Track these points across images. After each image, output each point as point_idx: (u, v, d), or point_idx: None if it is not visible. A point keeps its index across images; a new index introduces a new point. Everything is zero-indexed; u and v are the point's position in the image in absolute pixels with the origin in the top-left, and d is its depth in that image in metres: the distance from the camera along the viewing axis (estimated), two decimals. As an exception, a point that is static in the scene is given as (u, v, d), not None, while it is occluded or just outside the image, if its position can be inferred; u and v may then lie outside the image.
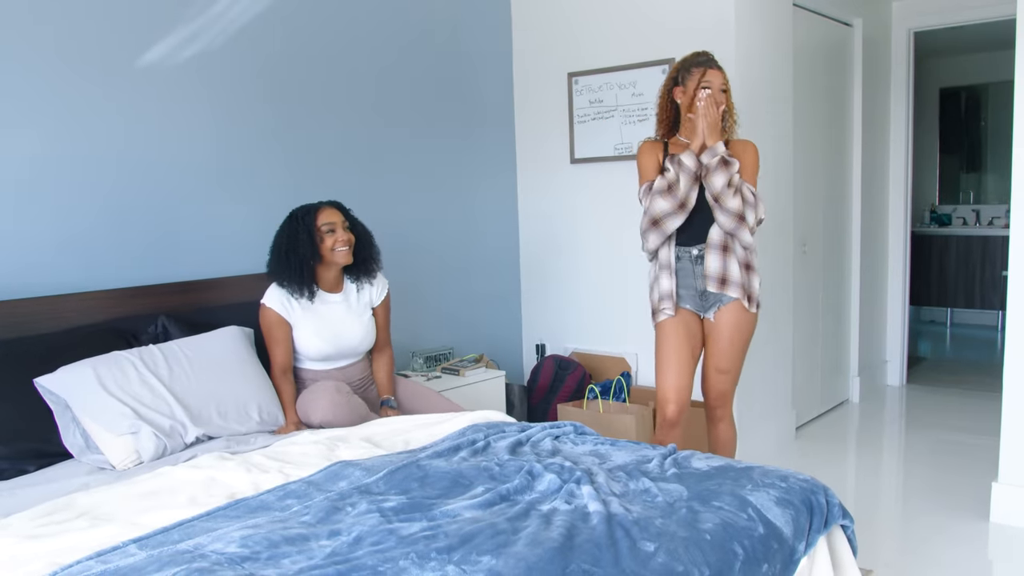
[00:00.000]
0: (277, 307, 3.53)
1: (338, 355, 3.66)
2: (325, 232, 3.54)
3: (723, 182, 3.48)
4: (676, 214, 3.55)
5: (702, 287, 3.64)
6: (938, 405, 6.06)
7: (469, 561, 1.93)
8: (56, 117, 3.50)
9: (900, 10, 6.40)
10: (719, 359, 3.70)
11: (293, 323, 3.56)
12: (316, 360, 3.64)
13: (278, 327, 3.54)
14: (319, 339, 3.57)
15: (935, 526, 3.95)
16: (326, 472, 2.61)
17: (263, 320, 3.56)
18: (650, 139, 3.76)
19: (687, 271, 3.65)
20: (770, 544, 2.22)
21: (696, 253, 3.63)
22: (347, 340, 3.65)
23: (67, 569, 1.98)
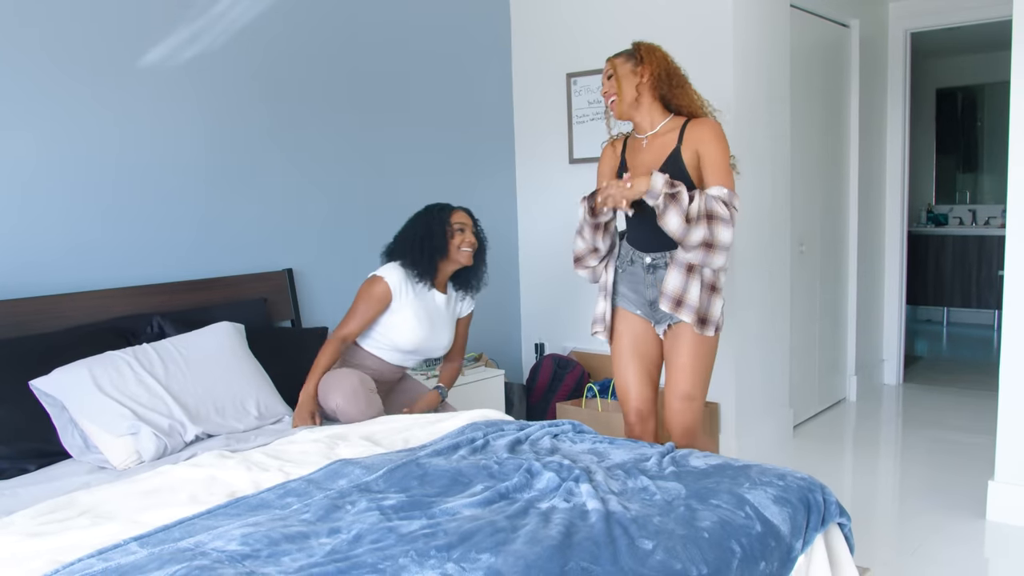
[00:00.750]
0: (393, 283, 3.61)
1: (421, 351, 3.73)
2: (456, 230, 3.65)
3: (678, 222, 3.07)
4: (591, 255, 3.44)
5: (652, 297, 3.35)
6: (934, 404, 6.06)
7: (468, 559, 1.93)
8: (55, 118, 3.50)
9: (897, 11, 6.40)
10: (677, 383, 3.36)
11: (399, 306, 3.62)
12: (397, 350, 3.70)
13: (378, 302, 3.60)
14: (418, 328, 3.64)
15: (932, 524, 3.95)
16: (326, 470, 2.61)
17: (369, 291, 3.60)
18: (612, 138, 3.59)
19: (637, 277, 3.39)
20: (768, 542, 2.23)
21: (649, 262, 3.34)
22: (436, 339, 3.74)
23: (68, 567, 1.98)
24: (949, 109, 9.46)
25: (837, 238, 6.01)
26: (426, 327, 3.66)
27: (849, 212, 6.11)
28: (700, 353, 3.33)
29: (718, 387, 4.82)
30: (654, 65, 3.32)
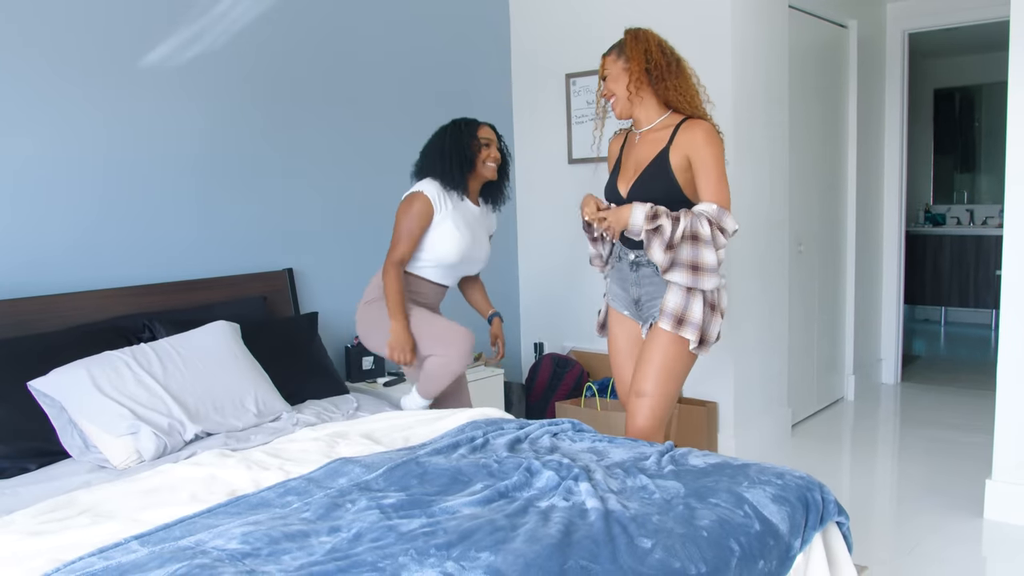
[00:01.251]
0: (432, 195, 3.60)
1: (466, 261, 3.74)
2: (483, 144, 3.68)
3: (661, 255, 3.04)
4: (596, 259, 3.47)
5: (636, 295, 3.31)
6: (932, 403, 6.06)
7: (468, 557, 1.93)
8: (54, 118, 3.50)
9: (895, 12, 6.40)
10: (636, 380, 3.26)
11: (441, 218, 3.61)
12: (444, 265, 3.70)
13: (421, 216, 3.59)
14: (461, 237, 3.64)
15: (929, 523, 3.95)
16: (326, 469, 2.61)
17: (409, 208, 3.60)
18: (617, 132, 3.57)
19: (624, 274, 3.34)
20: (766, 541, 2.23)
21: (632, 259, 3.29)
22: (478, 249, 3.77)
23: (69, 565, 1.98)
24: (947, 109, 9.46)
25: (835, 238, 6.01)
26: (468, 236, 3.67)
27: (847, 212, 6.11)
28: (670, 354, 3.19)
29: (717, 386, 4.83)
30: (637, 59, 3.23)
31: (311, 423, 3.38)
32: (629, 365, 3.42)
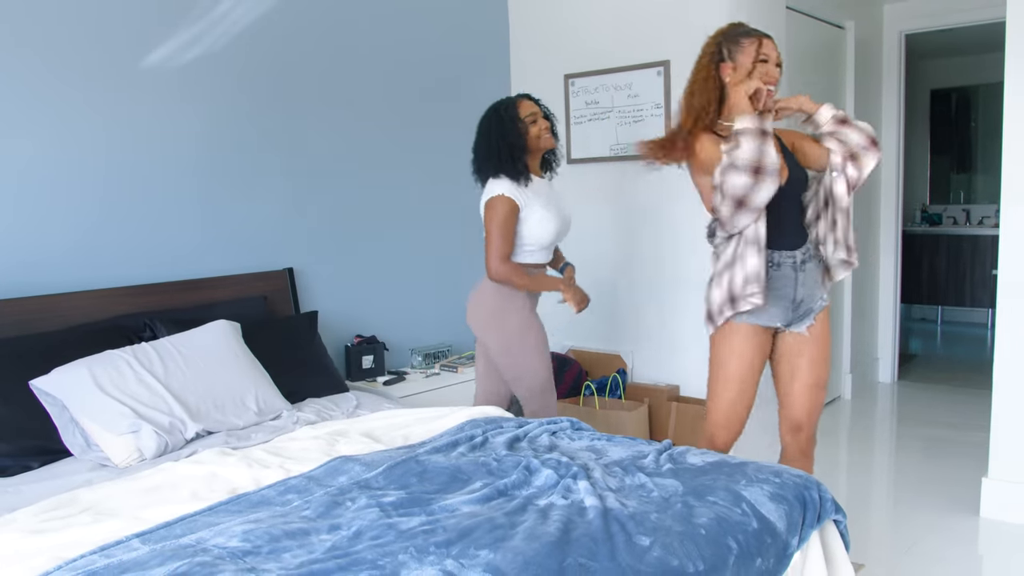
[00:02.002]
0: (510, 192, 3.54)
1: (560, 234, 3.71)
2: (529, 122, 3.60)
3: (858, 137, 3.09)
4: (760, 183, 2.81)
5: (800, 296, 3.07)
6: (929, 402, 6.07)
7: (467, 555, 1.93)
8: (56, 119, 3.50)
9: (892, 13, 6.40)
10: (815, 371, 3.16)
11: (526, 212, 3.57)
12: (543, 247, 3.68)
13: (509, 215, 3.54)
14: (550, 215, 3.61)
15: (926, 521, 3.95)
16: (326, 467, 2.61)
17: (496, 211, 3.55)
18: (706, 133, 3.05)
19: (787, 279, 3.05)
20: (764, 539, 2.23)
21: (800, 258, 3.06)
22: (565, 218, 3.73)
23: (71, 563, 1.98)
24: (943, 110, 9.46)
25: (832, 238, 6.00)
26: (554, 211, 3.65)
27: (844, 212, 6.11)
28: (828, 336, 3.22)
29: (714, 385, 4.82)
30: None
31: (311, 421, 3.38)
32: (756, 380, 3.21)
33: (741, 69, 3.01)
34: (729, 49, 3.06)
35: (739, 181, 2.81)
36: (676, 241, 4.90)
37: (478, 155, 3.69)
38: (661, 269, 4.99)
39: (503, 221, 3.54)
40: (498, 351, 3.68)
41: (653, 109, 4.87)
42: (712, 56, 3.09)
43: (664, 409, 4.82)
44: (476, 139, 3.71)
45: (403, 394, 4.28)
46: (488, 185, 3.64)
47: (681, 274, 4.90)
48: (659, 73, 4.81)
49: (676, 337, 4.98)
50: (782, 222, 3.03)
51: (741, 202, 2.84)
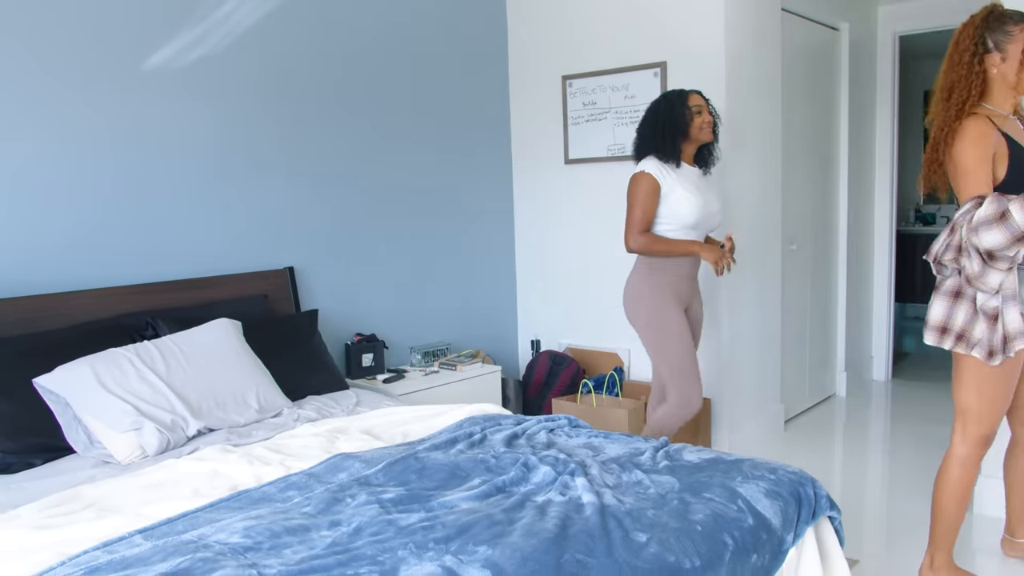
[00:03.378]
0: (653, 170, 3.75)
1: (704, 219, 3.83)
2: (695, 113, 3.78)
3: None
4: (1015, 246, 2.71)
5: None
6: (922, 399, 6.07)
7: (466, 551, 1.93)
8: (59, 120, 3.49)
9: (886, 14, 6.40)
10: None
11: (667, 188, 3.74)
12: (686, 227, 3.79)
13: (649, 190, 3.73)
14: (693, 197, 3.75)
15: (919, 517, 3.95)
16: (326, 464, 2.62)
17: (638, 187, 3.75)
18: (976, 115, 2.89)
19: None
20: (759, 535, 2.23)
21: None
22: (710, 205, 3.85)
23: (74, 559, 1.98)
24: (936, 111, 9.44)
25: (827, 237, 6.01)
26: (698, 196, 3.78)
27: (839, 211, 6.12)
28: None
29: (711, 383, 4.83)
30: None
31: (312, 419, 3.38)
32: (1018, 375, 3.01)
33: (1012, 60, 2.85)
34: (996, 40, 2.88)
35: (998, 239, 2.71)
36: (672, 240, 4.90)
37: (641, 135, 3.86)
38: (658, 268, 4.99)
39: (642, 196, 3.74)
40: (641, 327, 3.85)
41: (650, 110, 4.86)
42: (974, 49, 2.92)
43: (661, 406, 4.82)
44: (641, 121, 3.88)
45: (402, 392, 4.28)
46: (639, 163, 3.85)
47: (677, 273, 4.91)
48: (655, 74, 4.81)
49: (672, 335, 4.98)
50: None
51: (992, 256, 2.75)
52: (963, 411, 3.04)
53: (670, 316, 3.78)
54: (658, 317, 3.79)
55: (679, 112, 3.76)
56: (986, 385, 2.95)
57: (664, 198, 3.75)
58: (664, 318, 3.78)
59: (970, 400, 3.00)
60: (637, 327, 3.88)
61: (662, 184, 3.74)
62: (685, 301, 3.88)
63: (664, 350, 3.81)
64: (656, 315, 3.79)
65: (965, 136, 2.87)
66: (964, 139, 2.87)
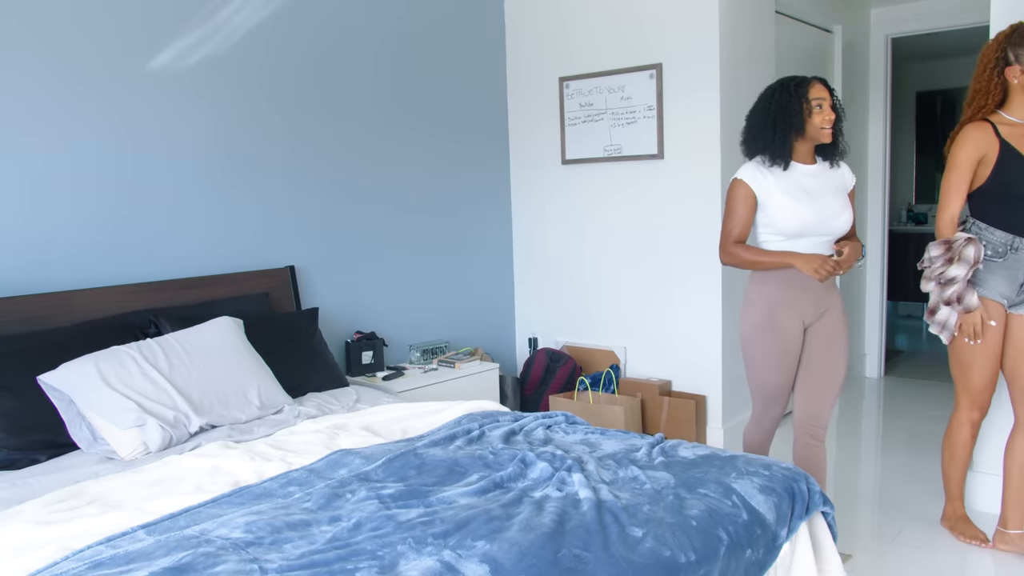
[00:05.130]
0: (749, 180, 3.24)
1: (815, 227, 3.23)
2: (814, 107, 3.20)
3: None
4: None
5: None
6: (915, 396, 6.07)
7: (464, 546, 1.93)
8: (65, 121, 3.49)
9: (878, 17, 6.41)
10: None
11: (765, 194, 3.23)
12: (792, 236, 3.24)
13: (746, 201, 3.25)
14: (793, 204, 3.19)
15: (912, 513, 3.96)
16: (327, 460, 2.62)
17: (731, 196, 3.30)
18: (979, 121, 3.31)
19: (1020, 264, 3.28)
20: (753, 530, 2.23)
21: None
22: (826, 209, 3.24)
23: (78, 553, 1.98)
24: (928, 111, 9.47)
25: (820, 236, 6.01)
26: (803, 201, 3.21)
27: (832, 211, 6.12)
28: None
29: (706, 380, 4.83)
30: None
31: (312, 415, 3.38)
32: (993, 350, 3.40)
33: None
34: (1017, 53, 3.18)
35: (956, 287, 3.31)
36: (667, 240, 4.91)
37: (750, 127, 3.35)
38: (652, 267, 4.99)
39: (734, 205, 3.29)
40: (741, 336, 3.42)
41: (646, 111, 4.87)
42: (996, 61, 3.24)
43: (656, 403, 4.82)
44: (752, 110, 3.36)
45: (402, 389, 4.28)
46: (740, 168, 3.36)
47: (672, 272, 4.91)
48: (651, 76, 4.81)
49: (668, 334, 4.99)
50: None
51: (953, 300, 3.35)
52: (954, 380, 3.54)
53: (772, 337, 3.29)
54: (759, 334, 3.31)
55: (795, 106, 3.20)
56: (963, 356, 3.44)
57: (761, 206, 3.26)
58: (761, 339, 3.31)
59: (954, 370, 3.51)
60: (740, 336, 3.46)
61: (758, 192, 3.24)
62: (809, 317, 3.32)
63: (755, 369, 3.38)
64: (757, 332, 3.32)
65: (960, 138, 3.30)
66: (958, 141, 3.31)
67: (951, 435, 3.63)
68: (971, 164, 3.28)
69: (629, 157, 4.99)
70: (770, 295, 3.28)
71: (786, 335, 3.29)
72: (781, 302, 3.27)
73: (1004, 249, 3.28)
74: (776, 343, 3.29)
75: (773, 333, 3.28)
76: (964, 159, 3.28)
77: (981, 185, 3.30)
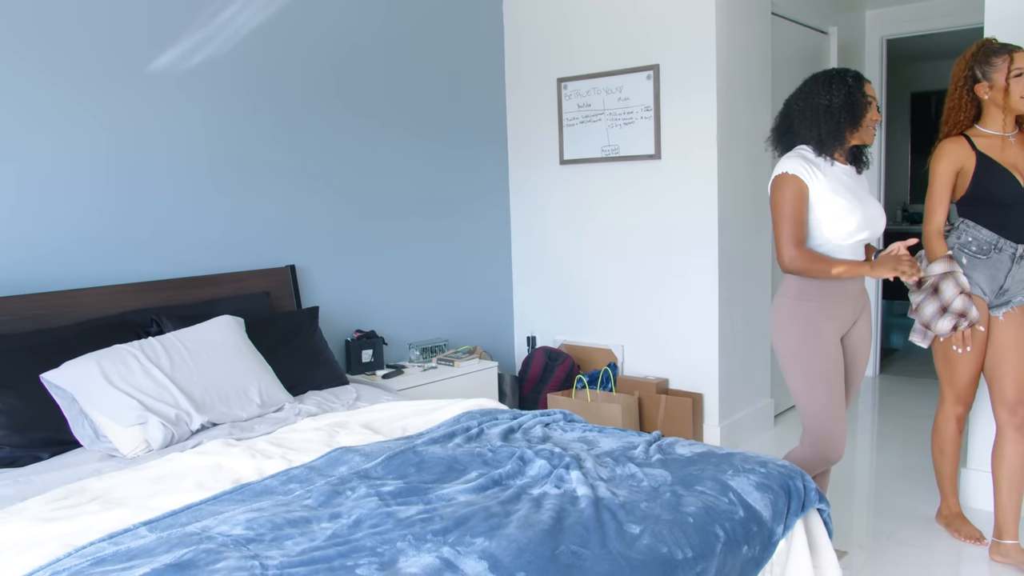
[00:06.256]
0: (797, 170, 2.99)
1: (863, 224, 3.02)
2: (868, 103, 3.04)
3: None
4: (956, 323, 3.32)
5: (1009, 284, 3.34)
6: (909, 394, 6.08)
7: (463, 543, 1.94)
8: (68, 121, 3.49)
9: (873, 19, 6.41)
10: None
11: (816, 189, 2.98)
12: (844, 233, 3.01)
13: (800, 198, 2.98)
14: (844, 199, 2.98)
15: (907, 510, 3.96)
16: (327, 458, 2.62)
17: (783, 192, 3.00)
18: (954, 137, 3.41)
19: (1000, 264, 3.32)
20: (750, 527, 2.23)
21: (1022, 252, 3.31)
22: (869, 208, 3.06)
23: (81, 550, 1.98)
24: (923, 112, 9.47)
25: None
26: (851, 198, 3.00)
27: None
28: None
29: (702, 378, 4.84)
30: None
31: (312, 413, 3.38)
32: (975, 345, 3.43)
33: (998, 86, 3.28)
34: (983, 70, 3.30)
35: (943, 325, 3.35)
36: (664, 239, 4.91)
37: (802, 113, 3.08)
38: (650, 266, 5.00)
39: (789, 201, 3.00)
40: (783, 357, 3.12)
41: (643, 112, 4.87)
42: (966, 80, 3.36)
43: (653, 401, 4.83)
44: (806, 94, 3.09)
45: (401, 387, 4.28)
46: (779, 162, 3.10)
47: (669, 272, 4.91)
48: (648, 77, 4.81)
49: (665, 332, 4.99)
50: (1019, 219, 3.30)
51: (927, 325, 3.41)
52: (939, 375, 3.60)
53: (818, 353, 3.03)
54: (804, 352, 3.04)
55: (858, 100, 3.01)
56: (949, 352, 3.49)
57: (813, 203, 3.01)
58: (809, 355, 3.04)
59: (939, 366, 3.57)
60: (779, 357, 3.14)
61: (809, 185, 2.98)
62: (846, 325, 3.13)
63: (805, 390, 3.07)
64: (802, 350, 3.05)
65: (936, 153, 3.45)
66: (935, 156, 3.46)
67: (938, 431, 3.68)
68: (949, 176, 3.40)
69: (627, 157, 4.99)
70: (809, 309, 3.05)
71: (831, 349, 3.06)
72: (822, 314, 3.05)
73: (988, 248, 3.34)
74: (824, 359, 3.05)
75: (819, 349, 3.04)
76: (942, 172, 3.41)
77: (964, 194, 3.40)
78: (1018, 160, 3.32)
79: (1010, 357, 3.37)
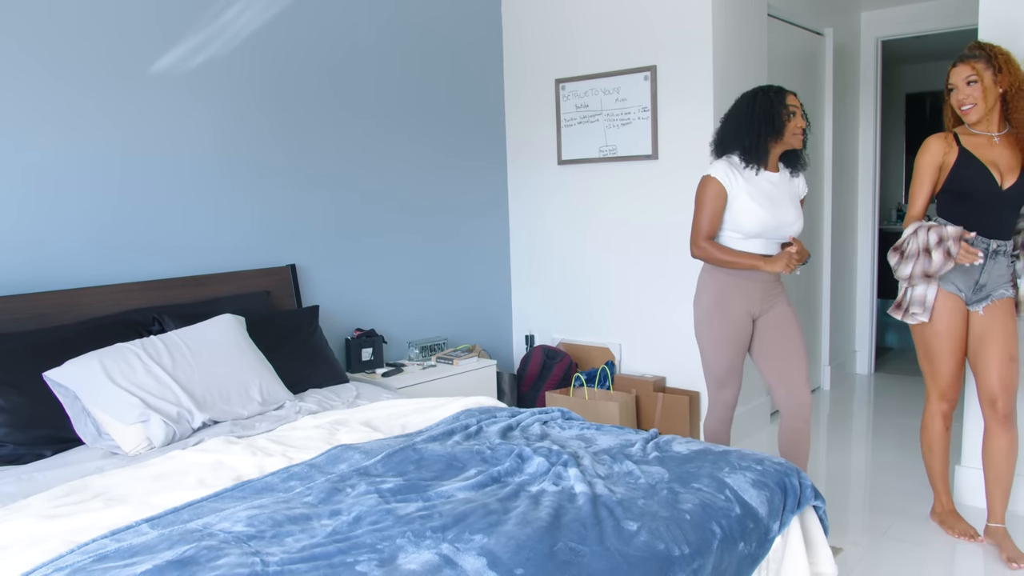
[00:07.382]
0: (721, 177, 3.38)
1: (772, 230, 3.43)
2: (791, 114, 3.39)
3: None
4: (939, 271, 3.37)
5: (984, 280, 3.41)
6: (904, 392, 6.08)
7: (462, 539, 1.94)
8: (71, 122, 3.49)
9: (868, 20, 6.41)
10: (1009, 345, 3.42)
11: (733, 194, 3.39)
12: (750, 236, 3.42)
13: (716, 198, 3.39)
14: (759, 208, 3.37)
15: (901, 507, 3.96)
16: (327, 455, 2.62)
17: (703, 192, 3.42)
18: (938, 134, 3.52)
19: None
20: (746, 524, 2.23)
21: (995, 247, 3.38)
22: (783, 215, 3.44)
23: (83, 547, 1.98)
24: (918, 113, 9.48)
25: (812, 235, 6.01)
26: (766, 207, 3.39)
27: (823, 210, 6.12)
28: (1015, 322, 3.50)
29: (700, 377, 4.84)
30: (1013, 77, 3.31)
31: (313, 411, 3.38)
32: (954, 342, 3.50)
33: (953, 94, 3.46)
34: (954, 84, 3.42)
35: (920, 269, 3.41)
36: (661, 238, 4.91)
37: (728, 126, 3.49)
38: (647, 265, 5.00)
39: (706, 201, 3.42)
40: (696, 321, 3.56)
41: (640, 112, 4.87)
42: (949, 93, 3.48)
43: (651, 399, 4.83)
44: (734, 110, 3.49)
45: (401, 385, 4.28)
46: (710, 166, 3.48)
47: (666, 270, 4.91)
48: (646, 78, 4.81)
49: (662, 331, 4.99)
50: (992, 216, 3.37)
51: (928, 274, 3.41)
52: (923, 372, 3.64)
53: (723, 320, 3.47)
54: (706, 319, 3.50)
55: (777, 111, 3.37)
56: (930, 346, 3.54)
57: (729, 204, 3.41)
58: (710, 321, 3.49)
59: (922, 362, 3.61)
60: (694, 322, 3.60)
61: (729, 190, 3.39)
62: (757, 305, 3.50)
63: (703, 353, 3.56)
64: (705, 317, 3.50)
65: (922, 149, 3.54)
66: (920, 150, 3.56)
67: (925, 429, 3.71)
68: (931, 170, 3.49)
69: (624, 158, 4.99)
70: (720, 281, 3.47)
71: (734, 319, 3.47)
72: (730, 288, 3.46)
73: None
74: (724, 325, 3.47)
75: (721, 316, 3.46)
76: (924, 165, 3.51)
77: (941, 187, 3.49)
78: (1000, 159, 3.37)
79: (990, 350, 3.42)
